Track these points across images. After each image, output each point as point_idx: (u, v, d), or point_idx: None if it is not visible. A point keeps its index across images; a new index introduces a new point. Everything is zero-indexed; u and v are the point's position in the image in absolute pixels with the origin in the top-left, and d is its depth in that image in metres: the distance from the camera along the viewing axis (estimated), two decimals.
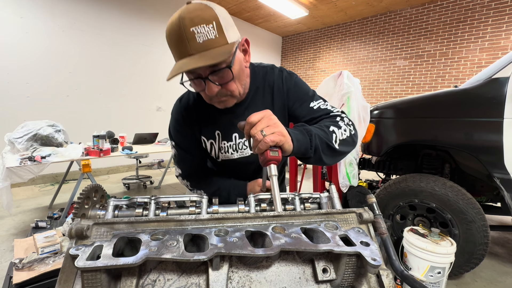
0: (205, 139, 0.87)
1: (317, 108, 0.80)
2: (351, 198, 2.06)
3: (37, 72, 3.85)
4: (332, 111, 0.80)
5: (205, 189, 0.91)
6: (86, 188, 0.49)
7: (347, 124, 0.76)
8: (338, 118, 0.77)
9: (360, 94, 2.01)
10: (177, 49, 0.63)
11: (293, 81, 0.84)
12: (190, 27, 0.59)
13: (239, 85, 0.73)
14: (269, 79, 0.85)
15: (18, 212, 2.92)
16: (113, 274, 0.39)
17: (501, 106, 1.54)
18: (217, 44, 0.62)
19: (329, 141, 0.68)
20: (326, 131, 0.70)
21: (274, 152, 0.56)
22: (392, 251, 0.50)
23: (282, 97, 0.84)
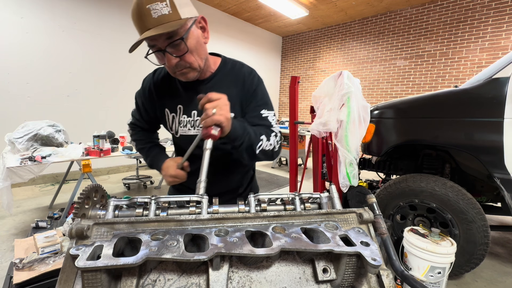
0: (168, 112, 0.94)
1: (264, 117, 0.90)
2: (351, 198, 2.06)
3: (37, 72, 3.85)
4: (273, 125, 0.90)
5: (138, 144, 1.05)
6: (87, 188, 0.49)
7: (276, 141, 0.88)
8: (273, 134, 0.88)
9: (360, 94, 2.00)
10: (137, 25, 0.71)
11: (260, 85, 0.92)
12: (145, 4, 0.67)
13: (198, 58, 0.80)
14: (238, 71, 0.92)
15: (19, 212, 2.92)
16: (114, 274, 0.39)
17: (501, 106, 1.54)
18: (170, 19, 0.69)
19: (254, 145, 0.80)
20: (257, 135, 0.81)
21: (215, 130, 0.65)
22: (392, 251, 0.50)
23: (244, 93, 0.90)
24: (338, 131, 1.98)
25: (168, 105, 0.94)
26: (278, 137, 0.90)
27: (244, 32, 6.98)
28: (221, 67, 0.92)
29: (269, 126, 0.89)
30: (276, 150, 0.89)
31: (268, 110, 0.91)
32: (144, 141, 1.05)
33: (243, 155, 0.81)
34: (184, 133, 0.94)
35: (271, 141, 0.85)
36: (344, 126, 1.95)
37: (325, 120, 1.97)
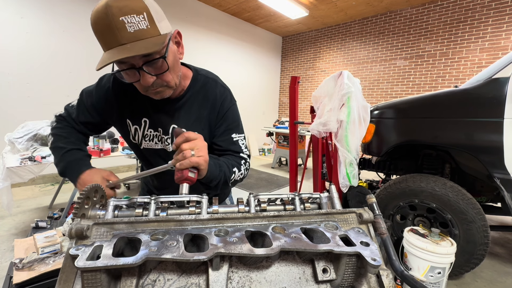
0: (130, 123, 0.87)
1: (235, 141, 0.88)
2: (351, 198, 2.06)
3: (37, 72, 3.85)
4: (242, 151, 0.89)
5: (57, 141, 0.85)
6: (86, 188, 0.49)
7: (246, 168, 0.87)
8: (243, 162, 0.86)
9: (360, 94, 2.00)
10: (105, 39, 0.61)
11: (231, 105, 0.89)
12: (119, 16, 0.58)
13: (175, 76, 0.74)
14: (210, 91, 0.86)
15: (18, 212, 2.92)
16: (113, 274, 0.39)
17: (501, 106, 1.54)
18: (149, 34, 0.62)
19: (228, 178, 0.79)
20: (230, 170, 0.80)
21: (192, 173, 0.60)
22: (392, 251, 0.50)
23: (215, 114, 0.86)
24: (338, 131, 1.98)
25: (130, 116, 0.86)
26: (247, 164, 0.89)
27: (244, 32, 6.98)
28: (192, 84, 0.86)
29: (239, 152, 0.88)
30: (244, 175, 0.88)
31: (239, 133, 0.89)
32: (67, 140, 0.85)
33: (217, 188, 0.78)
34: (150, 147, 0.89)
35: (241, 170, 0.84)
36: (344, 126, 1.95)
37: (325, 120, 1.97)
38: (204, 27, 6.00)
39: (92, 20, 0.61)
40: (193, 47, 5.80)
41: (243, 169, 0.85)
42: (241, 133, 0.91)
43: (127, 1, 0.59)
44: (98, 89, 0.87)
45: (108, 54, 0.61)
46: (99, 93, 0.86)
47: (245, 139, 0.92)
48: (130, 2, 0.59)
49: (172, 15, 5.36)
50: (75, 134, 0.89)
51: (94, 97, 0.87)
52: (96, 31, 0.62)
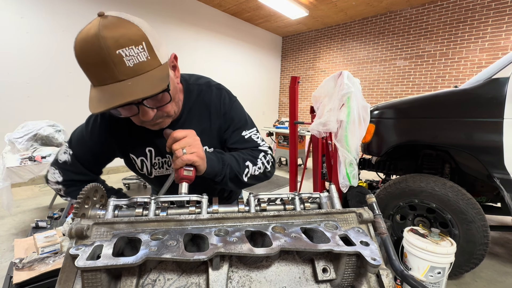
0: (135, 157, 0.81)
1: (248, 138, 0.81)
2: (351, 198, 2.06)
3: (37, 72, 3.85)
4: (259, 144, 0.82)
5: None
6: (86, 188, 0.49)
7: (267, 161, 0.80)
8: (261, 155, 0.79)
9: (360, 94, 2.00)
10: (98, 74, 0.53)
11: (231, 105, 0.83)
12: (115, 49, 0.50)
13: (174, 104, 0.69)
14: (206, 98, 0.80)
15: (18, 212, 2.92)
16: (113, 274, 0.39)
17: (501, 106, 1.54)
18: (150, 66, 0.55)
19: (239, 174, 0.72)
20: (240, 164, 0.73)
21: (188, 171, 0.58)
22: (392, 251, 0.50)
23: (219, 119, 0.81)
24: (338, 131, 1.98)
25: (132, 150, 0.80)
26: (268, 156, 0.81)
27: (244, 32, 6.98)
28: (187, 97, 0.79)
29: (256, 146, 0.81)
30: (268, 170, 0.80)
31: (248, 129, 0.82)
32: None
33: (229, 186, 0.73)
34: (161, 174, 0.84)
35: (258, 164, 0.77)
36: (344, 126, 1.95)
37: (325, 120, 1.97)
38: (204, 27, 6.00)
39: (79, 51, 0.52)
40: (193, 47, 5.80)
41: (260, 163, 0.77)
42: (251, 128, 0.84)
43: (122, 29, 0.52)
44: (89, 135, 0.78)
45: (104, 93, 0.53)
46: (92, 138, 0.78)
47: (258, 133, 0.86)
48: (126, 30, 0.52)
49: (172, 15, 5.36)
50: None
51: (88, 145, 0.78)
52: (86, 64, 0.53)
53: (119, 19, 0.53)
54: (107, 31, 0.50)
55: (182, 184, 0.58)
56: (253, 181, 0.77)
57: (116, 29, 0.51)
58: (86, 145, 0.79)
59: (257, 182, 0.80)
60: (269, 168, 0.81)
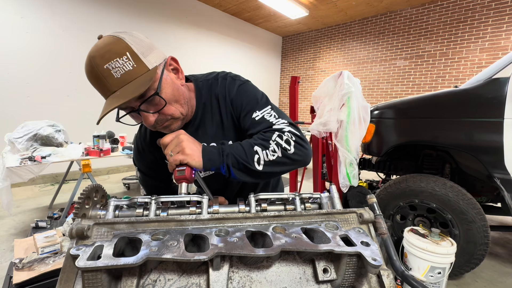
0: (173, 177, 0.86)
1: (260, 119, 0.72)
2: (351, 198, 2.06)
3: (37, 72, 3.85)
4: (273, 123, 0.71)
5: None
6: (87, 188, 0.49)
7: (285, 141, 0.67)
8: (275, 135, 0.68)
9: (360, 94, 2.00)
10: (99, 89, 0.61)
11: (235, 88, 0.78)
12: (102, 65, 0.57)
13: (178, 106, 0.70)
14: (214, 91, 0.80)
15: (18, 212, 2.92)
16: (114, 274, 0.39)
17: (501, 106, 1.54)
18: (137, 74, 0.59)
19: (247, 162, 0.64)
20: (246, 150, 0.65)
21: (180, 172, 0.59)
22: (393, 251, 0.50)
23: (227, 107, 0.79)
24: (338, 131, 1.98)
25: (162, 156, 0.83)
26: (286, 134, 0.68)
27: (244, 32, 6.98)
28: (198, 96, 0.80)
29: (269, 127, 0.71)
30: (291, 151, 0.67)
31: (260, 109, 0.74)
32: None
33: (245, 179, 0.66)
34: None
35: (271, 146, 0.66)
36: (344, 126, 1.95)
37: (325, 120, 1.97)
38: (204, 27, 6.00)
39: (86, 72, 0.62)
40: (193, 47, 5.80)
41: (274, 145, 0.66)
42: (264, 107, 0.75)
43: (108, 46, 0.58)
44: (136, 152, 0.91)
45: (105, 105, 0.61)
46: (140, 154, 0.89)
47: (273, 110, 0.75)
48: (111, 46, 0.58)
49: (172, 15, 5.36)
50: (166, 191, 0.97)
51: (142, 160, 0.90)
52: (92, 83, 0.62)
53: (110, 37, 0.60)
54: (96, 51, 0.58)
55: (181, 185, 0.59)
56: (274, 167, 0.66)
57: (103, 47, 0.58)
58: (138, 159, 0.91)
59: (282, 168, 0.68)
60: (290, 148, 0.67)
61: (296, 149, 0.68)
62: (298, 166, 0.72)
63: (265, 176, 0.69)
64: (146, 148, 0.86)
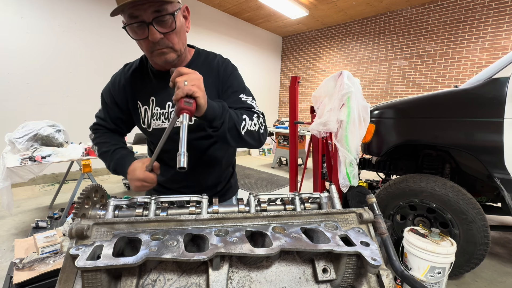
0: (140, 105, 0.89)
1: (244, 101, 0.85)
2: (351, 198, 2.06)
3: (37, 72, 3.85)
4: (254, 107, 0.85)
5: (101, 147, 0.92)
6: (87, 188, 0.49)
7: (260, 122, 0.82)
8: (255, 115, 0.82)
9: (360, 94, 2.00)
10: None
11: (234, 72, 0.90)
12: None
13: (180, 42, 0.77)
14: (212, 62, 0.89)
15: (19, 212, 2.92)
16: (113, 274, 0.39)
17: (501, 106, 1.54)
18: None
19: (237, 125, 0.74)
20: (238, 116, 0.76)
21: (188, 103, 0.59)
22: (392, 251, 0.49)
23: (219, 82, 0.87)
24: (338, 131, 1.98)
25: (140, 97, 0.89)
26: (261, 118, 0.84)
27: (244, 32, 6.98)
28: (195, 58, 0.89)
29: (250, 108, 0.84)
30: (262, 132, 0.83)
31: (247, 95, 0.87)
32: (109, 144, 0.92)
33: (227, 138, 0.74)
34: (158, 126, 0.88)
35: (254, 120, 0.79)
36: (344, 126, 1.95)
37: (325, 120, 1.97)
38: (204, 27, 6.00)
39: None
40: None
41: (256, 120, 0.80)
42: (249, 95, 0.88)
43: None
44: (113, 84, 0.92)
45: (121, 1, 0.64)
46: (115, 87, 0.91)
47: (254, 101, 0.88)
48: None
49: None
50: (112, 136, 0.96)
51: (111, 92, 0.92)
52: None
53: None
54: None
55: (182, 115, 0.59)
56: (248, 137, 0.78)
57: None
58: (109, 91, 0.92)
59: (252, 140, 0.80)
60: (262, 130, 0.83)
61: (264, 132, 0.84)
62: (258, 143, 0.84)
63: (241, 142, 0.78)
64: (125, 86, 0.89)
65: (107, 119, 0.94)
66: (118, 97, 0.91)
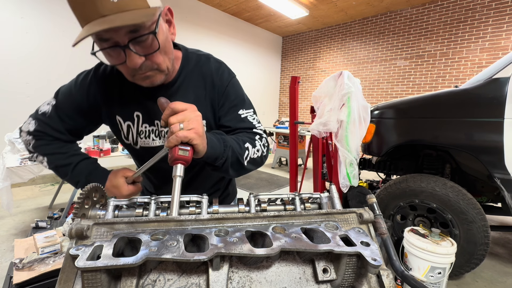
0: (121, 120, 0.75)
1: (244, 118, 0.75)
2: (351, 198, 2.06)
3: (37, 72, 3.85)
4: (255, 126, 0.76)
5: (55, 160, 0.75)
6: (86, 188, 0.49)
7: (263, 145, 0.74)
8: (257, 137, 0.74)
9: (361, 94, 2.00)
10: (83, 10, 0.51)
11: (230, 79, 0.77)
12: None
13: (167, 59, 0.64)
14: (204, 68, 0.76)
15: (18, 212, 2.92)
16: (113, 274, 0.39)
17: (501, 106, 1.54)
18: (135, 6, 0.52)
19: (241, 157, 0.66)
20: (241, 146, 0.67)
21: (184, 151, 0.50)
22: (393, 251, 0.49)
23: (214, 93, 0.76)
24: (338, 131, 1.98)
25: (120, 112, 0.75)
26: (263, 139, 0.75)
27: (244, 32, 6.98)
28: (184, 64, 0.75)
29: (251, 128, 0.75)
30: (264, 155, 0.75)
31: (246, 109, 0.76)
32: (66, 155, 0.75)
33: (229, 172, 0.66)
34: (147, 145, 0.77)
35: (257, 146, 0.71)
36: (344, 126, 1.95)
37: (325, 120, 1.97)
38: (204, 27, 6.00)
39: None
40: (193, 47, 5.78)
41: (259, 145, 0.72)
42: (249, 108, 0.78)
43: None
44: (77, 87, 0.75)
45: (87, 27, 0.51)
46: (80, 91, 0.74)
47: (255, 114, 0.79)
48: None
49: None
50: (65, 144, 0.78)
51: (75, 98, 0.75)
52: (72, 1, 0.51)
53: None
54: None
55: (176, 166, 0.50)
56: (251, 165, 0.71)
57: None
58: (72, 97, 0.75)
59: (254, 167, 0.73)
60: (265, 152, 0.75)
61: (266, 152, 0.77)
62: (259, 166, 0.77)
63: (242, 173, 0.71)
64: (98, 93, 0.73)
65: (59, 127, 0.75)
66: (83, 104, 0.74)
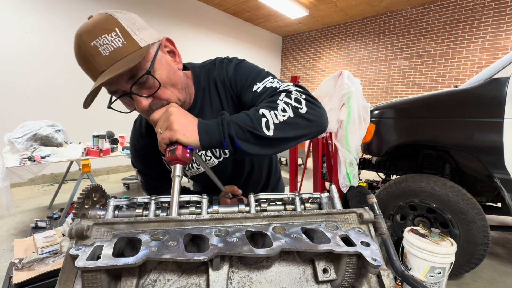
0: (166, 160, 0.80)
1: (262, 89, 0.67)
2: (351, 198, 2.06)
3: (36, 72, 3.85)
4: (277, 88, 0.65)
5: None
6: (86, 188, 0.49)
7: (295, 99, 0.59)
8: (282, 95, 0.60)
9: (361, 94, 2.01)
10: (88, 71, 0.56)
11: (232, 68, 0.74)
12: (90, 42, 0.52)
13: (175, 91, 0.64)
14: (212, 75, 0.76)
15: (18, 212, 2.92)
16: (113, 274, 0.39)
17: (501, 106, 1.54)
18: (127, 52, 0.54)
19: (254, 128, 0.54)
20: (251, 115, 0.56)
21: (171, 151, 0.51)
22: (393, 251, 0.49)
23: (227, 90, 0.75)
24: (338, 131, 1.98)
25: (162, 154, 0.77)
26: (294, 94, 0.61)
27: (244, 32, 6.98)
28: (196, 82, 0.75)
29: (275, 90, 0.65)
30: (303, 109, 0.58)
31: (261, 80, 0.69)
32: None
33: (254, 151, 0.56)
34: (194, 174, 0.82)
35: (280, 105, 0.58)
36: (344, 126, 1.95)
37: None
38: (204, 27, 6.00)
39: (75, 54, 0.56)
40: (193, 47, 5.80)
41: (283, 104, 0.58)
42: (264, 78, 0.70)
43: (96, 22, 0.53)
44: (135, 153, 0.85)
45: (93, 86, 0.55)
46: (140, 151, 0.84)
47: (275, 78, 0.71)
48: (99, 22, 0.53)
49: (172, 15, 5.36)
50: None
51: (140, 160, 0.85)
52: (80, 65, 0.56)
53: (100, 15, 0.55)
54: (83, 28, 0.53)
55: (175, 167, 0.52)
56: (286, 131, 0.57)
57: (91, 24, 0.54)
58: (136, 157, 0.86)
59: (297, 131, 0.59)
60: (302, 106, 0.59)
61: (308, 108, 0.59)
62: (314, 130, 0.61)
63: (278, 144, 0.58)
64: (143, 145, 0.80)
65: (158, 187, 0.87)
66: (147, 160, 0.83)
